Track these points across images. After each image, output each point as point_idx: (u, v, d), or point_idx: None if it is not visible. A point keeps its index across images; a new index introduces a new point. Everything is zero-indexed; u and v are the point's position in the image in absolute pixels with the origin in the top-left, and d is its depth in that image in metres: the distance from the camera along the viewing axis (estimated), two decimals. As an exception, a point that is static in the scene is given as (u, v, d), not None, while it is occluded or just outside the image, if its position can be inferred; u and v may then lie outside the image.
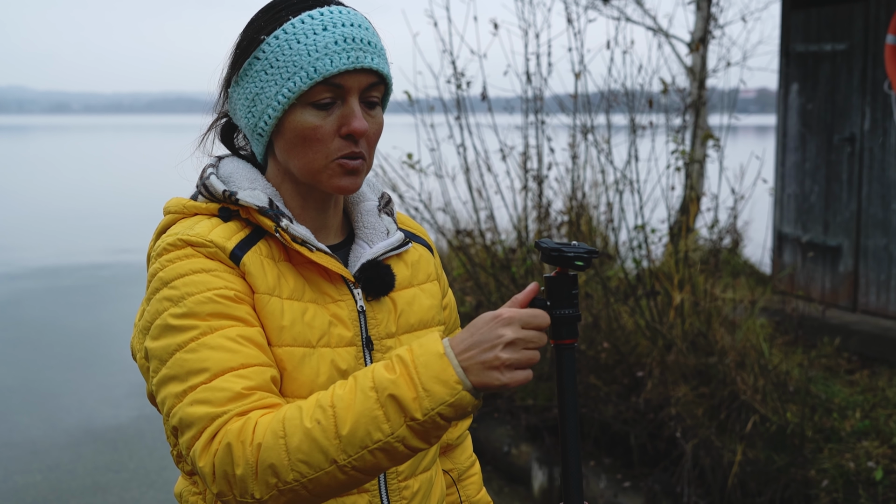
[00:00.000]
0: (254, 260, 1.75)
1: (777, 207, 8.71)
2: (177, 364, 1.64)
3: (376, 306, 1.86)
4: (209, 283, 1.69)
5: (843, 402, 5.92)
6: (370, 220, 1.93)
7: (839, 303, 7.93)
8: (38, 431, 7.80)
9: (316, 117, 1.75)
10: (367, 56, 1.75)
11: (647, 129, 6.90)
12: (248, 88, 1.79)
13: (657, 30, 11.13)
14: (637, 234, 6.74)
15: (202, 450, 1.58)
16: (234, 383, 1.61)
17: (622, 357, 6.33)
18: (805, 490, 5.26)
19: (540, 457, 6.36)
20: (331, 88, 1.74)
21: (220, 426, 1.58)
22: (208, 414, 1.59)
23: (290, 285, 1.77)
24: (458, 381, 1.52)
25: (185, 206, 1.83)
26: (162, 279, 1.71)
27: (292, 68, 1.73)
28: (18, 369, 9.68)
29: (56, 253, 17.52)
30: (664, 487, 5.73)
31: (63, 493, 6.55)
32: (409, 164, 7.42)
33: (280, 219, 1.76)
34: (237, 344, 1.65)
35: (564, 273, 1.62)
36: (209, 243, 1.73)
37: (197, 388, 1.61)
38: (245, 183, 1.82)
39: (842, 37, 7.89)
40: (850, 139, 7.80)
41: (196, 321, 1.66)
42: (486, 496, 2.22)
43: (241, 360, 1.64)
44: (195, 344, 1.64)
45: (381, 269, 1.86)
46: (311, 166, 1.78)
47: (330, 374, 1.77)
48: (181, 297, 1.68)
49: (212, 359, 1.62)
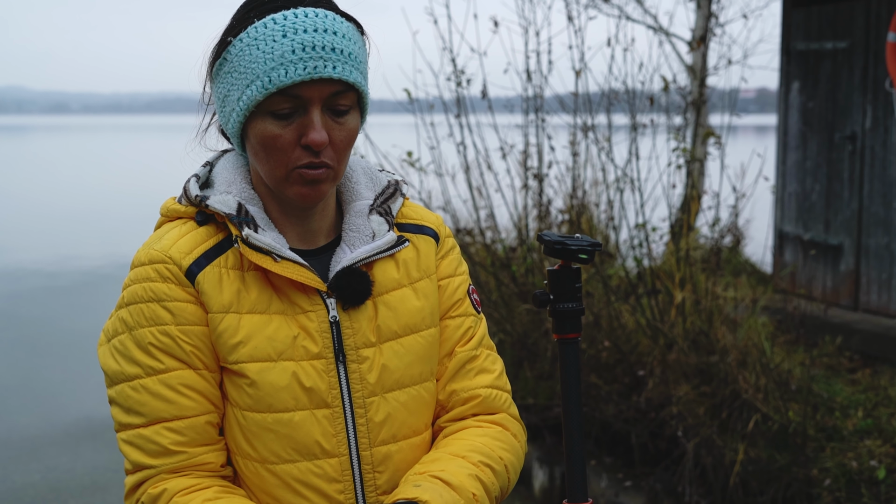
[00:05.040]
0: (210, 277, 1.73)
1: (778, 206, 8.68)
2: (122, 395, 1.73)
3: (354, 315, 1.79)
4: (157, 318, 1.72)
5: (845, 400, 5.90)
6: (357, 221, 1.85)
7: (841, 301, 7.91)
8: (37, 431, 7.78)
9: (276, 126, 1.69)
10: (327, 65, 1.66)
11: (648, 128, 6.88)
12: (219, 88, 1.76)
13: (657, 28, 11.11)
14: (638, 232, 6.72)
15: (129, 492, 1.74)
16: (164, 437, 1.70)
17: (623, 356, 6.31)
18: (807, 489, 5.23)
19: (540, 456, 6.34)
20: (289, 98, 1.68)
21: (147, 476, 1.71)
22: (139, 462, 1.72)
23: (252, 298, 1.74)
24: None
25: (170, 209, 1.83)
26: (124, 298, 1.77)
27: (250, 76, 1.67)
28: (17, 369, 9.66)
29: (55, 253, 17.51)
30: (665, 487, 5.71)
31: (62, 492, 6.53)
32: (409, 162, 7.40)
33: (242, 227, 1.72)
34: (176, 393, 1.71)
35: (568, 266, 1.59)
36: (168, 259, 1.73)
37: (133, 430, 1.72)
38: (222, 186, 1.79)
39: (843, 35, 7.87)
40: (852, 137, 7.78)
41: (143, 357, 1.72)
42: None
43: (174, 411, 1.71)
44: (138, 384, 1.71)
45: (355, 276, 1.78)
46: (273, 174, 1.73)
47: (291, 388, 1.73)
48: (133, 327, 1.73)
49: (149, 405, 1.71)
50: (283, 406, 1.73)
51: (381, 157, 7.57)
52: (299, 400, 1.73)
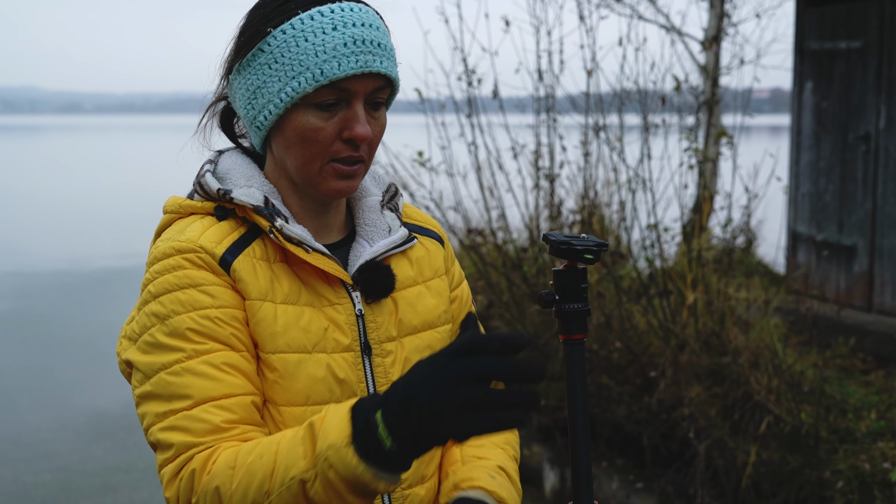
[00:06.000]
0: (245, 265, 1.70)
1: (791, 206, 8.65)
2: (160, 384, 1.62)
3: (376, 309, 1.80)
4: (196, 302, 1.66)
5: (858, 402, 5.86)
6: (371, 216, 1.87)
7: (854, 303, 7.87)
8: (48, 431, 7.79)
9: (318, 119, 1.69)
10: (376, 60, 1.68)
11: (660, 128, 6.85)
12: (249, 79, 1.73)
13: (670, 27, 11.07)
14: (650, 233, 6.69)
15: (170, 477, 1.58)
16: (214, 415, 1.59)
17: (635, 357, 6.29)
18: (820, 491, 5.20)
19: (552, 457, 6.32)
20: (335, 91, 1.68)
21: (191, 457, 1.57)
22: (185, 443, 1.58)
23: (285, 289, 1.73)
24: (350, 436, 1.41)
25: (181, 205, 1.79)
26: (151, 292, 1.68)
27: (298, 67, 1.66)
28: (29, 369, 9.69)
29: (67, 253, 17.56)
30: (677, 488, 5.68)
31: (73, 492, 6.54)
32: (420, 162, 7.39)
33: (275, 218, 1.71)
34: (221, 372, 1.62)
35: (573, 266, 1.57)
36: (199, 248, 1.69)
37: (178, 414, 1.60)
38: (241, 180, 1.77)
39: (856, 34, 7.83)
40: (865, 137, 7.74)
41: (181, 342, 1.63)
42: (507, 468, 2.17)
43: (224, 389, 1.61)
44: (179, 367, 1.62)
45: (380, 270, 1.80)
46: (307, 167, 1.73)
47: (326, 380, 1.72)
48: (167, 316, 1.65)
49: (195, 386, 1.60)
50: (320, 398, 1.71)
51: (392, 157, 7.57)
52: (333, 392, 1.72)
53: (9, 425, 7.94)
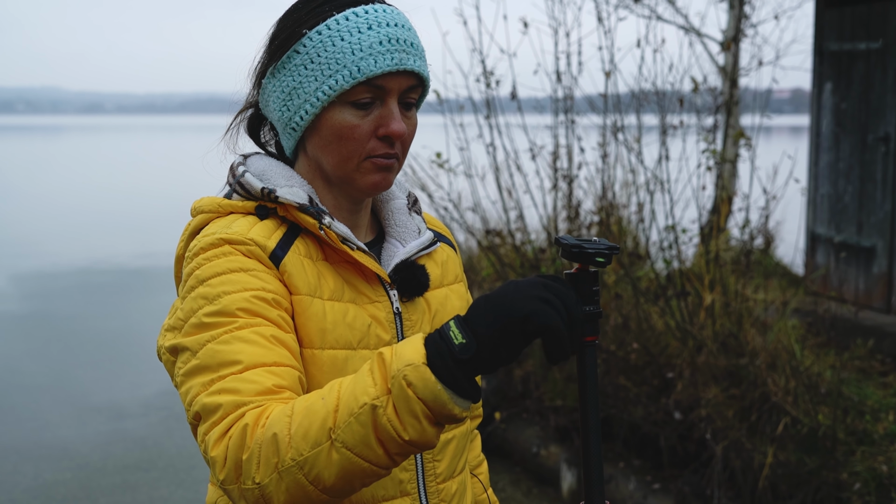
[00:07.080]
0: (294, 260, 1.72)
1: (810, 208, 8.63)
2: (208, 355, 1.57)
3: (411, 307, 1.84)
4: (247, 283, 1.64)
5: (876, 404, 5.84)
6: (401, 218, 1.91)
7: (873, 304, 7.85)
8: (69, 430, 7.85)
9: (354, 116, 1.73)
10: (409, 58, 1.73)
11: (678, 129, 6.85)
12: (285, 82, 1.76)
13: (689, 28, 11.05)
14: (668, 234, 6.69)
15: (218, 438, 1.50)
16: (265, 378, 1.54)
17: (652, 358, 6.29)
18: (837, 493, 5.19)
19: (569, 458, 6.33)
20: (371, 89, 1.72)
21: (242, 414, 1.50)
22: (233, 401, 1.51)
23: (331, 286, 1.75)
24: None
25: (221, 204, 1.78)
26: (198, 277, 1.66)
27: (335, 66, 1.70)
28: (49, 368, 9.75)
29: (88, 252, 17.66)
30: (694, 489, 5.68)
31: (93, 491, 6.58)
32: (439, 163, 7.41)
33: (322, 216, 1.73)
34: (271, 343, 1.59)
35: (585, 269, 1.59)
36: (249, 241, 1.69)
37: (226, 378, 1.54)
38: (282, 180, 1.79)
39: (876, 35, 7.81)
40: (885, 139, 7.71)
41: (230, 318, 1.60)
42: (493, 495, 2.18)
43: (274, 357, 1.58)
44: (228, 336, 1.58)
45: (417, 269, 1.84)
46: (344, 165, 1.76)
47: None
48: (217, 296, 1.62)
49: (245, 352, 1.56)
50: None
51: (410, 157, 7.58)
52: None
53: (30, 424, 8.00)
